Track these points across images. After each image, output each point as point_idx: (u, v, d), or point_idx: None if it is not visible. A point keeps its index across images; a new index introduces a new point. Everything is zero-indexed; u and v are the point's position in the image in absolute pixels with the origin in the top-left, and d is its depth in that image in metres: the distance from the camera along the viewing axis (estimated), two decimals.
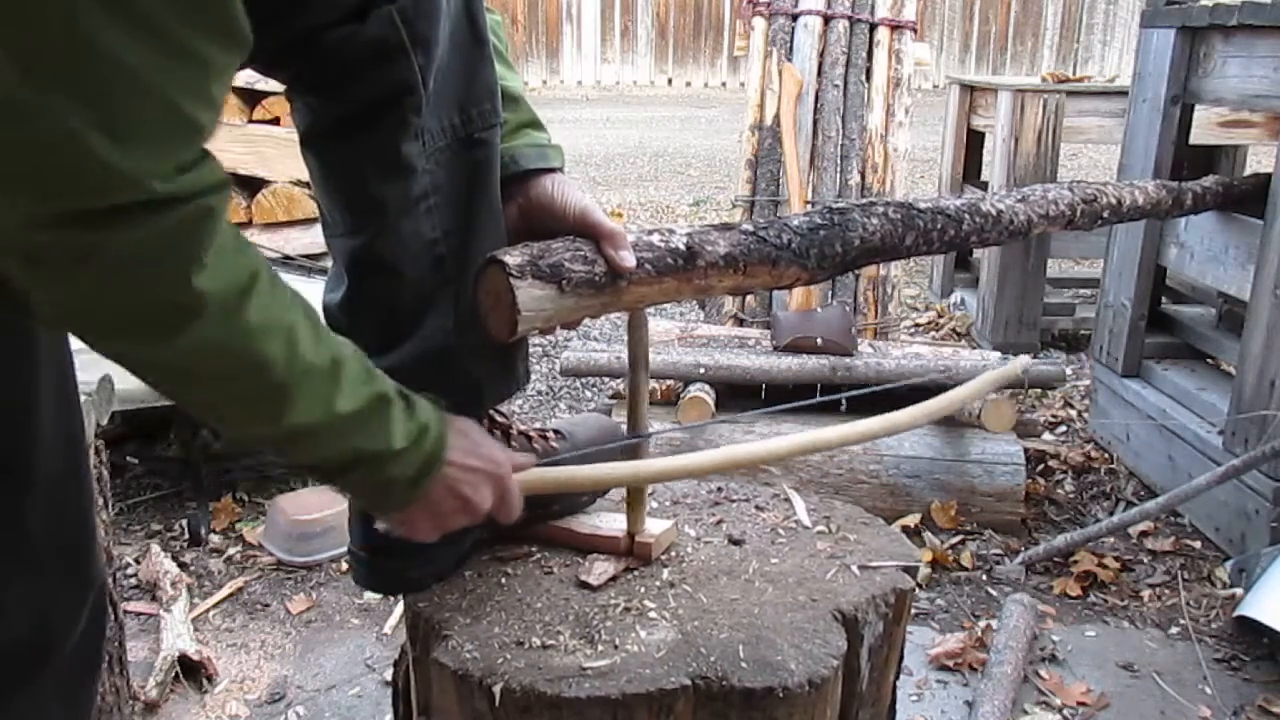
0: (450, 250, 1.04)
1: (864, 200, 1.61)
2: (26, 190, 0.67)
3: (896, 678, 1.22)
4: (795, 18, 3.37)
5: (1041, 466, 2.90)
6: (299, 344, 0.82)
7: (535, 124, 1.13)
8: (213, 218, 0.74)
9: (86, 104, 0.65)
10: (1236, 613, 2.11)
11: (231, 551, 2.44)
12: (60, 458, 0.98)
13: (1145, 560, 2.44)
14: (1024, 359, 1.34)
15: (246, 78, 3.35)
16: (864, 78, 3.35)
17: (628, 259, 1.01)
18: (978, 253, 4.30)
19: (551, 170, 1.11)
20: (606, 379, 3.29)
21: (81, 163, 0.66)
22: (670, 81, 12.93)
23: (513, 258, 0.97)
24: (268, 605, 2.24)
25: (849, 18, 3.36)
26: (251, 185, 3.50)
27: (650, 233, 1.07)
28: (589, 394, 3.49)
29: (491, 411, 1.19)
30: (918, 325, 4.23)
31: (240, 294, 0.77)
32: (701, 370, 2.62)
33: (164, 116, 0.69)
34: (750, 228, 1.13)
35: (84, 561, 1.04)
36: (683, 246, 1.06)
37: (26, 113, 0.65)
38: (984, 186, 4.19)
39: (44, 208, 0.68)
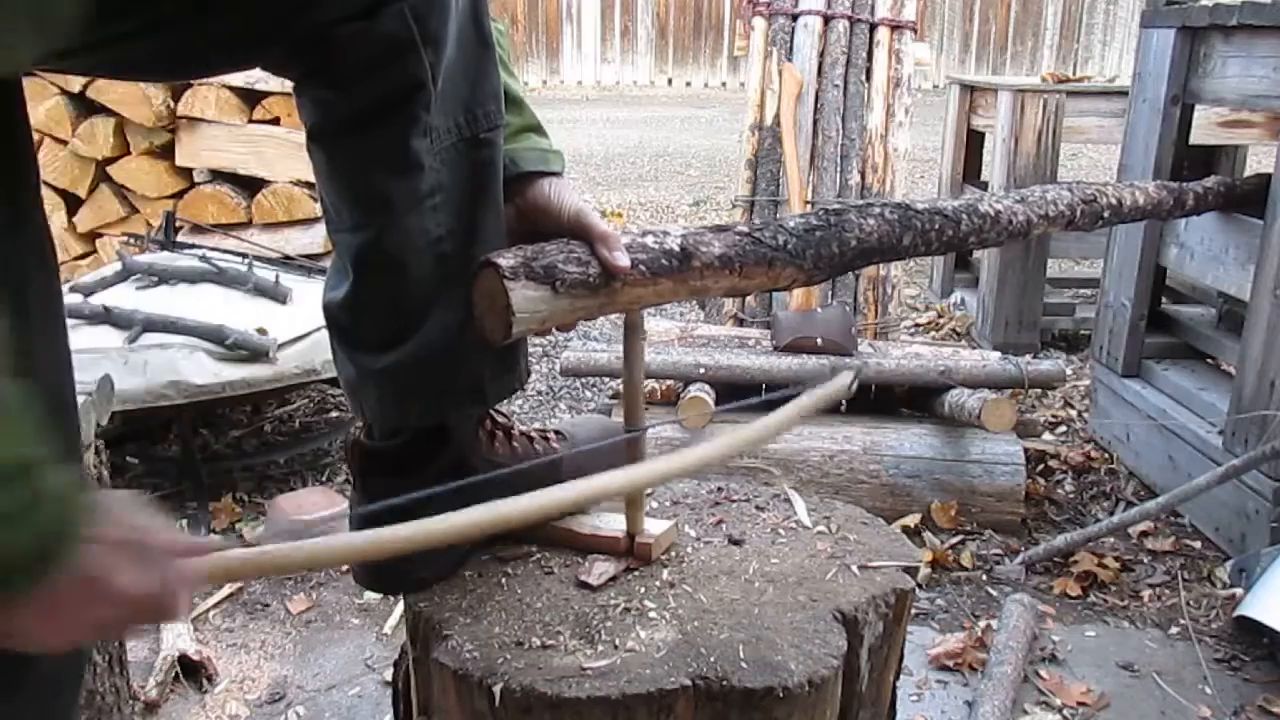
0: (454, 249, 1.04)
1: (861, 201, 1.61)
2: None
3: (896, 678, 1.22)
4: (795, 18, 3.37)
5: (1041, 466, 2.89)
6: None
7: (537, 128, 1.14)
8: None
9: None
10: (1236, 613, 2.11)
11: None
12: None
13: (1145, 560, 2.44)
14: (849, 370, 1.10)
15: (247, 78, 3.36)
16: (864, 78, 3.35)
17: (621, 260, 1.01)
18: (978, 253, 4.30)
19: (551, 174, 1.11)
20: (606, 379, 3.29)
21: None
22: (670, 81, 12.93)
23: (506, 260, 0.97)
24: (268, 605, 2.24)
25: (849, 18, 3.36)
26: (251, 185, 3.50)
27: (645, 234, 1.06)
28: (589, 394, 3.49)
29: (492, 411, 1.19)
30: (918, 325, 4.23)
31: None
32: (701, 370, 2.62)
33: None
34: (746, 229, 1.13)
35: None
36: (677, 248, 1.06)
37: None
38: (984, 186, 4.19)
39: None
